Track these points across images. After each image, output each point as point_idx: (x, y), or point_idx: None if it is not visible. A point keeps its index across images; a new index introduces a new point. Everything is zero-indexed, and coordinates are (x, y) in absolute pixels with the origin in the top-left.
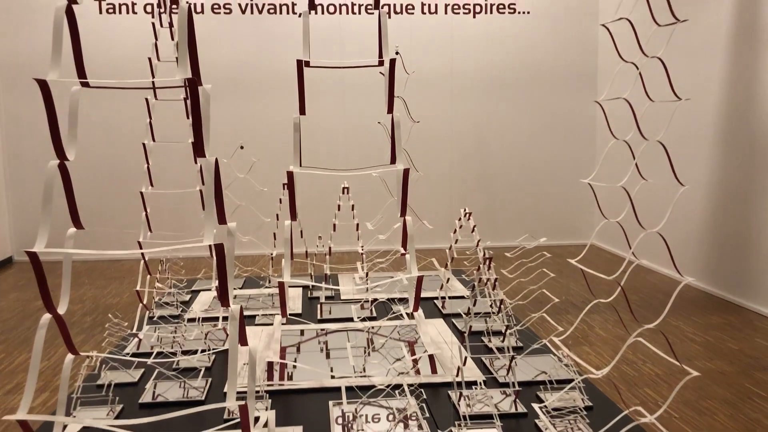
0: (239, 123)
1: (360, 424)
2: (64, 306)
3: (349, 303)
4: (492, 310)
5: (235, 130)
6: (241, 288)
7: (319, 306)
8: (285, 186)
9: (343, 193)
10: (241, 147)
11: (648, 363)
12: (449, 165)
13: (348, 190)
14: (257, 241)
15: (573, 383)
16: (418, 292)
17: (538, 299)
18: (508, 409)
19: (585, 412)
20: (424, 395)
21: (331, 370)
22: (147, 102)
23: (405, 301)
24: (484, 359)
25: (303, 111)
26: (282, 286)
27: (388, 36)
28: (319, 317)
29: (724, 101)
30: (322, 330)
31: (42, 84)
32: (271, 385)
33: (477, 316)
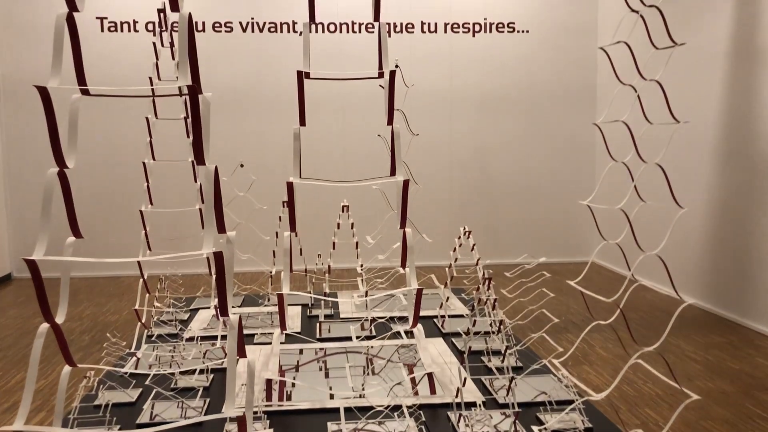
0: (239, 141)
1: None
2: (62, 316)
3: (349, 322)
4: (492, 329)
5: (236, 147)
6: (240, 306)
7: (318, 324)
8: (285, 204)
9: (343, 212)
10: (242, 165)
11: (648, 383)
12: (449, 181)
13: (348, 208)
14: (256, 259)
15: (573, 405)
16: (417, 305)
17: (538, 318)
18: (508, 431)
19: None
20: (423, 417)
21: (330, 389)
22: (147, 121)
23: (405, 320)
24: (483, 380)
25: (303, 122)
26: (281, 298)
27: (387, 50)
28: (318, 336)
29: (722, 122)
30: (321, 349)
31: (42, 91)
32: (270, 406)
33: (477, 335)
